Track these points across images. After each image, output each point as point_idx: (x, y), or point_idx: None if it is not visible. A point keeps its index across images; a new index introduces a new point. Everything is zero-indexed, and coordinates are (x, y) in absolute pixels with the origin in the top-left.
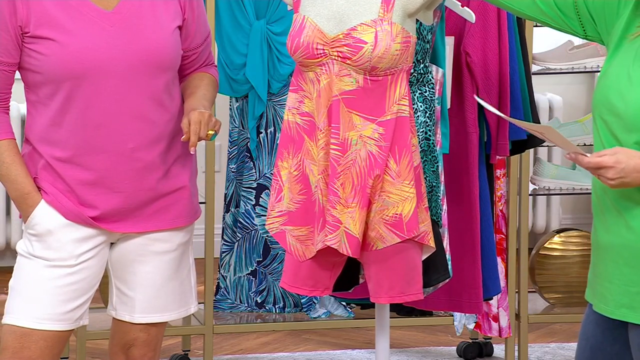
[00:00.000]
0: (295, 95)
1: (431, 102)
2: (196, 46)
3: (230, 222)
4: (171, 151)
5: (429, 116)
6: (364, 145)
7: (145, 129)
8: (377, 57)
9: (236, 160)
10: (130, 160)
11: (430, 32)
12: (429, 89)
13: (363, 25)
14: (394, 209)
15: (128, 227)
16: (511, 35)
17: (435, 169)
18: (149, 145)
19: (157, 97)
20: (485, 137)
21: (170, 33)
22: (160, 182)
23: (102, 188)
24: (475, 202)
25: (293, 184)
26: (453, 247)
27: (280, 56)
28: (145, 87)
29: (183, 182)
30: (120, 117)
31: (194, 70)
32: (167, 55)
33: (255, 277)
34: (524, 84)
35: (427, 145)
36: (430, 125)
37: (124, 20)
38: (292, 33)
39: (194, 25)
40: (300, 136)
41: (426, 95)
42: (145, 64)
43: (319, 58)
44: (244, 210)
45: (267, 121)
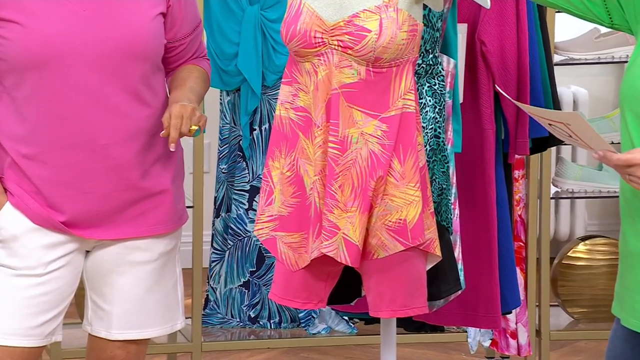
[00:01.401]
0: (289, 88)
1: (441, 96)
2: (183, 36)
3: (221, 229)
4: (151, 150)
5: (439, 111)
6: (366, 143)
7: (120, 124)
8: (382, 47)
9: (227, 160)
10: (102, 158)
11: (440, 19)
12: (439, 81)
13: (366, 11)
14: (397, 213)
15: (102, 234)
16: (531, 22)
17: (445, 170)
18: (124, 142)
19: (134, 90)
20: (502, 134)
21: (150, 19)
22: (138, 184)
23: (72, 189)
24: (492, 206)
25: (285, 186)
26: (467, 255)
27: (276, 45)
28: (121, 78)
29: (164, 185)
30: (91, 111)
31: (182, 62)
32: (146, 43)
33: (248, 289)
34: (545, 76)
35: (437, 143)
36: (440, 122)
37: (98, 3)
38: (287, 20)
39: (181, 13)
40: (295, 133)
41: (435, 89)
42: (120, 53)
43: (317, 47)
44: (236, 215)
45: (261, 117)
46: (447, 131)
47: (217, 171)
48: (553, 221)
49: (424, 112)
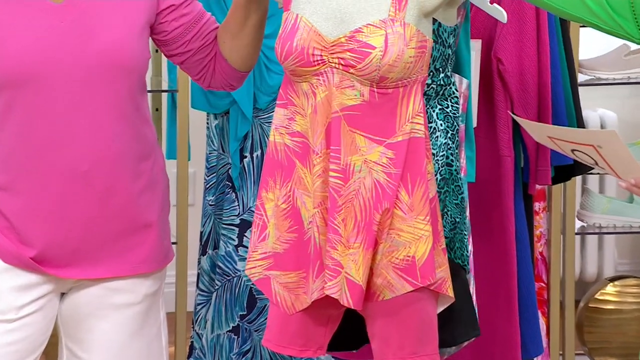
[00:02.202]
0: (284, 112)
1: (454, 120)
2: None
3: (207, 268)
4: (137, 178)
5: (451, 137)
6: (370, 172)
7: (104, 148)
8: (388, 66)
9: (215, 191)
10: (84, 186)
11: (452, 35)
12: (452, 103)
13: (370, 26)
14: (405, 250)
15: (81, 273)
16: (553, 38)
17: (459, 202)
18: (109, 168)
19: (119, 108)
20: (521, 162)
21: (136, 31)
22: (123, 216)
23: (48, 221)
24: (510, 242)
25: (281, 220)
26: (484, 297)
27: (269, 63)
28: (105, 96)
29: (151, 218)
30: (71, 133)
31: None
32: (131, 57)
33: (238, 335)
34: (569, 98)
35: (449, 172)
36: (452, 148)
37: (77, 15)
38: (282, 35)
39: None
40: (291, 161)
41: (448, 112)
42: (104, 67)
43: (315, 66)
44: (224, 252)
45: (252, 143)
46: (461, 158)
47: (204, 203)
48: (578, 260)
49: (434, 137)
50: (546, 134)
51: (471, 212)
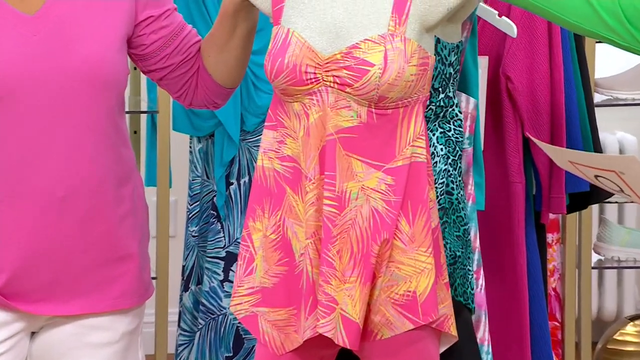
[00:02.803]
0: (273, 134)
1: (456, 145)
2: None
3: (190, 305)
4: (118, 204)
5: (452, 163)
6: (367, 200)
7: (83, 171)
8: (387, 84)
9: (198, 221)
10: (60, 212)
11: (454, 52)
12: (455, 126)
13: (368, 41)
14: (405, 285)
15: (56, 309)
16: (566, 54)
17: (461, 234)
18: (88, 193)
19: (99, 128)
20: (533, 189)
21: (115, 44)
22: (102, 245)
23: (20, 251)
24: (522, 276)
25: (270, 252)
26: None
27: (258, 82)
28: (82, 115)
29: (131, 247)
30: (47, 154)
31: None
32: (111, 72)
33: None
34: (584, 120)
35: (449, 201)
36: (453, 175)
37: (52, 27)
38: (272, 52)
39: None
40: (281, 188)
41: (449, 136)
42: (81, 84)
43: (308, 85)
44: (209, 287)
45: (239, 169)
46: (468, 185)
47: (186, 235)
48: (595, 296)
49: (432, 162)
50: (567, 158)
51: (480, 244)
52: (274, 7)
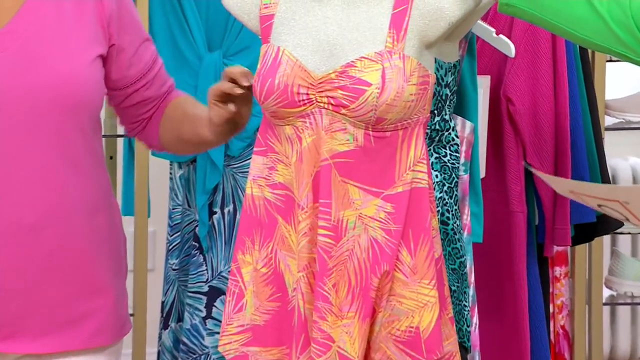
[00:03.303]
0: (263, 160)
1: (452, 171)
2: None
3: (170, 344)
4: (92, 233)
5: (448, 190)
6: (365, 229)
7: (53, 198)
8: (385, 105)
9: (179, 253)
10: (30, 242)
11: (450, 72)
12: (451, 151)
13: (364, 59)
14: (408, 320)
15: (24, 347)
16: (572, 74)
17: (456, 267)
18: (59, 222)
19: (71, 152)
20: (536, 219)
21: (87, 62)
22: (75, 278)
23: None
24: (523, 314)
25: (261, 286)
26: None
27: None
28: (53, 137)
29: (106, 282)
30: (14, 180)
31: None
32: (84, 92)
33: None
34: (591, 145)
35: (444, 231)
36: (450, 204)
37: (21, 43)
38: (261, 71)
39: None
40: (272, 218)
41: (445, 161)
42: (52, 104)
43: (301, 107)
44: (190, 325)
45: (223, 196)
46: (463, 215)
47: (166, 268)
48: (607, 335)
49: None
50: (568, 188)
51: (477, 278)
52: (262, 24)
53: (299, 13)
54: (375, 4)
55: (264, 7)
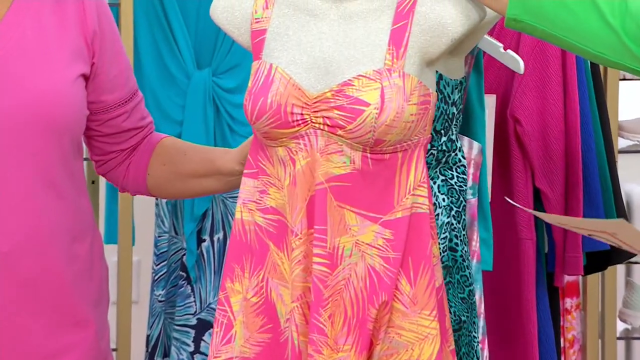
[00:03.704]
0: (254, 183)
1: (460, 194)
2: (119, 99)
3: None
4: (71, 262)
5: (456, 214)
6: (362, 257)
7: (28, 224)
8: (385, 126)
9: (165, 283)
10: (4, 271)
11: (457, 90)
12: (458, 173)
13: (362, 78)
14: (407, 353)
15: None
16: (583, 94)
17: (465, 296)
18: (36, 250)
19: (49, 175)
20: (545, 247)
21: (68, 81)
22: (52, 310)
23: None
24: (533, 348)
25: (251, 317)
26: None
27: (234, 124)
28: (30, 160)
29: (86, 312)
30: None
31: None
32: (63, 113)
33: None
34: (604, 168)
35: (453, 258)
36: (458, 229)
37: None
38: (252, 90)
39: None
40: (263, 244)
41: (452, 184)
42: (29, 124)
43: (295, 127)
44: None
45: (213, 223)
46: (472, 241)
47: (151, 300)
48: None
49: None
50: (556, 220)
51: (485, 308)
52: (253, 40)
53: (292, 28)
54: (373, 19)
55: (255, 22)
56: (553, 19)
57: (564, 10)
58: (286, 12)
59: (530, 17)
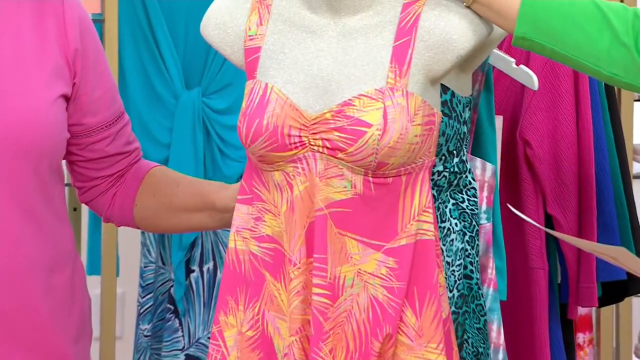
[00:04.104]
0: (248, 209)
1: (472, 218)
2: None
3: None
4: (49, 294)
5: (470, 240)
6: (365, 287)
7: (3, 252)
8: (388, 148)
9: (152, 317)
10: None
11: (468, 108)
12: (468, 196)
13: (363, 97)
14: None
15: None
16: (597, 114)
17: (482, 326)
18: (11, 281)
19: (26, 201)
20: (558, 277)
21: (48, 102)
22: (29, 344)
23: None
24: None
25: (246, 352)
26: None
27: (225, 147)
28: (3, 185)
29: (66, 349)
30: None
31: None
32: (41, 135)
33: None
34: (619, 193)
35: (469, 286)
36: (472, 255)
37: None
38: (247, 111)
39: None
40: (259, 274)
41: (464, 207)
42: (3, 148)
43: (292, 150)
44: None
45: (202, 252)
46: (488, 268)
47: (137, 335)
48: None
49: (448, 241)
50: (559, 236)
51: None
52: (247, 58)
53: (288, 46)
54: (374, 35)
55: (249, 39)
56: (564, 37)
57: (576, 29)
58: (282, 29)
59: (539, 35)
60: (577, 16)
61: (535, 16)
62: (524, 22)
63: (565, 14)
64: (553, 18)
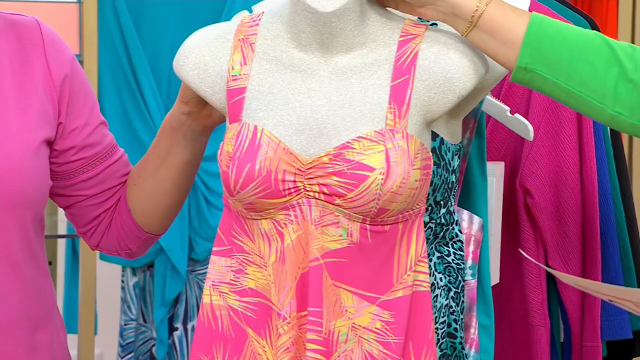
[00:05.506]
0: (226, 262)
1: (458, 273)
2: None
3: None
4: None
5: (455, 296)
6: (359, 342)
7: None
8: (390, 193)
9: None
10: None
11: (457, 156)
12: (454, 249)
13: (363, 139)
14: None
15: None
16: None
17: None
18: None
19: (9, 255)
20: (560, 335)
21: (30, 150)
22: None
23: None
24: None
25: None
26: None
27: (210, 195)
28: None
29: None
30: None
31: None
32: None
33: None
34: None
35: (451, 346)
36: (457, 312)
37: None
38: (236, 155)
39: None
40: (240, 331)
41: (449, 261)
42: None
43: (286, 197)
44: None
45: (187, 309)
46: (470, 327)
47: None
48: None
49: (432, 296)
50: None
51: None
52: (230, 99)
53: (277, 86)
54: (369, 74)
55: (232, 79)
56: (569, 70)
57: (582, 62)
58: (268, 68)
59: (543, 66)
60: (584, 49)
61: (541, 45)
62: (528, 51)
63: (573, 46)
64: (559, 49)
